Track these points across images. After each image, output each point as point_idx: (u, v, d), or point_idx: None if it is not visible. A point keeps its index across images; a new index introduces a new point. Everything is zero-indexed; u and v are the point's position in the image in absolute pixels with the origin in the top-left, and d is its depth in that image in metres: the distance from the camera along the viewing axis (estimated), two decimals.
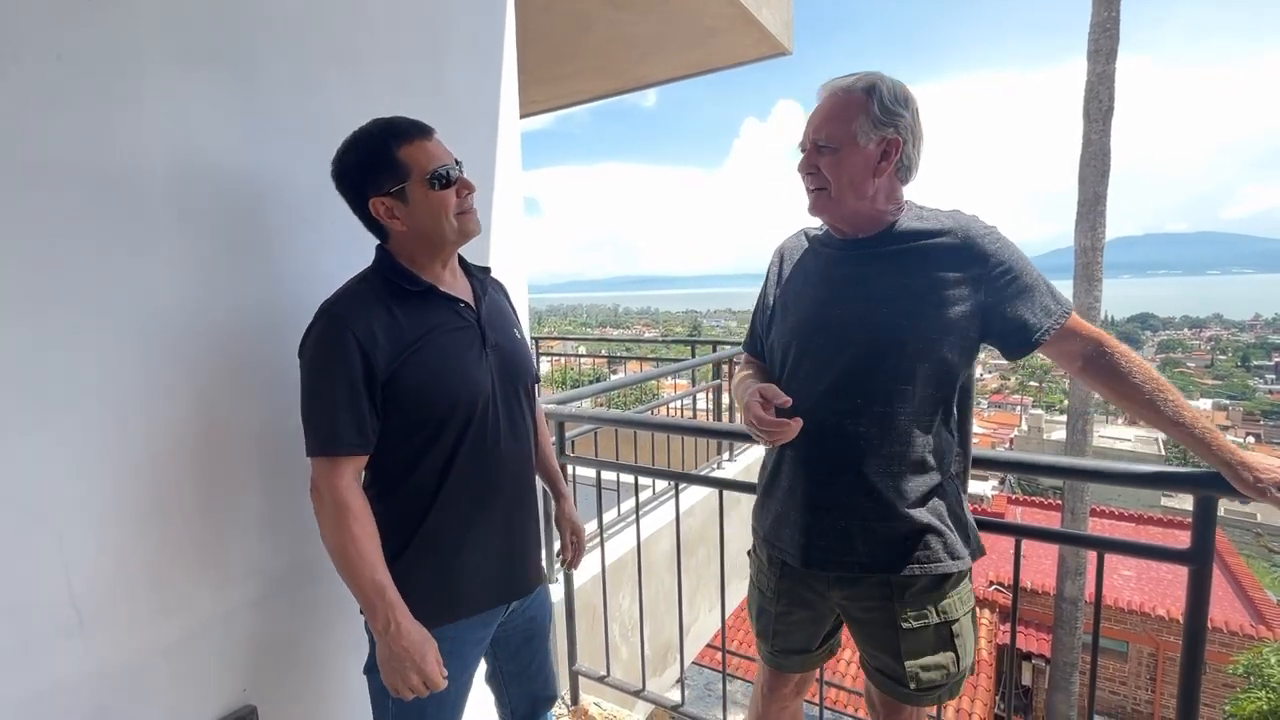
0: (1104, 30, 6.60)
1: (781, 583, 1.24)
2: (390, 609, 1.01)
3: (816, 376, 1.12)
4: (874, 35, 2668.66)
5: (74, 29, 0.98)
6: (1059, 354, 1.10)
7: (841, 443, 1.09)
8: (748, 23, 3.77)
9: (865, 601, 1.14)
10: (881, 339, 1.07)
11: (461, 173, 1.13)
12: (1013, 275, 1.07)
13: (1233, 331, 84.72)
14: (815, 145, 1.10)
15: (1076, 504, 6.97)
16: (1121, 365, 1.05)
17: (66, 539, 1.00)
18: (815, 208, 1.15)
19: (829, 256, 1.18)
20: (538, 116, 5.89)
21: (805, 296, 1.18)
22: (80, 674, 1.03)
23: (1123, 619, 9.89)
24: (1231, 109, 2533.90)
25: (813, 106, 1.14)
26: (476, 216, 1.16)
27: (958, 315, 1.06)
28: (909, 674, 1.11)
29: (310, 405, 1.05)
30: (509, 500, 1.20)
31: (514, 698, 1.38)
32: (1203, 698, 1.19)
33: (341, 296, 1.09)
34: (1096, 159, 6.71)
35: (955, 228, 1.09)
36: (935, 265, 1.07)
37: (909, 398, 1.07)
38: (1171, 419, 1.02)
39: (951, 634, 1.12)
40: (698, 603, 3.56)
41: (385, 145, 1.07)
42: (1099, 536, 1.41)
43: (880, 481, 1.08)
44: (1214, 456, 1.02)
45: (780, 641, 1.28)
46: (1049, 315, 1.07)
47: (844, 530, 1.10)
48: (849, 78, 1.09)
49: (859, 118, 1.05)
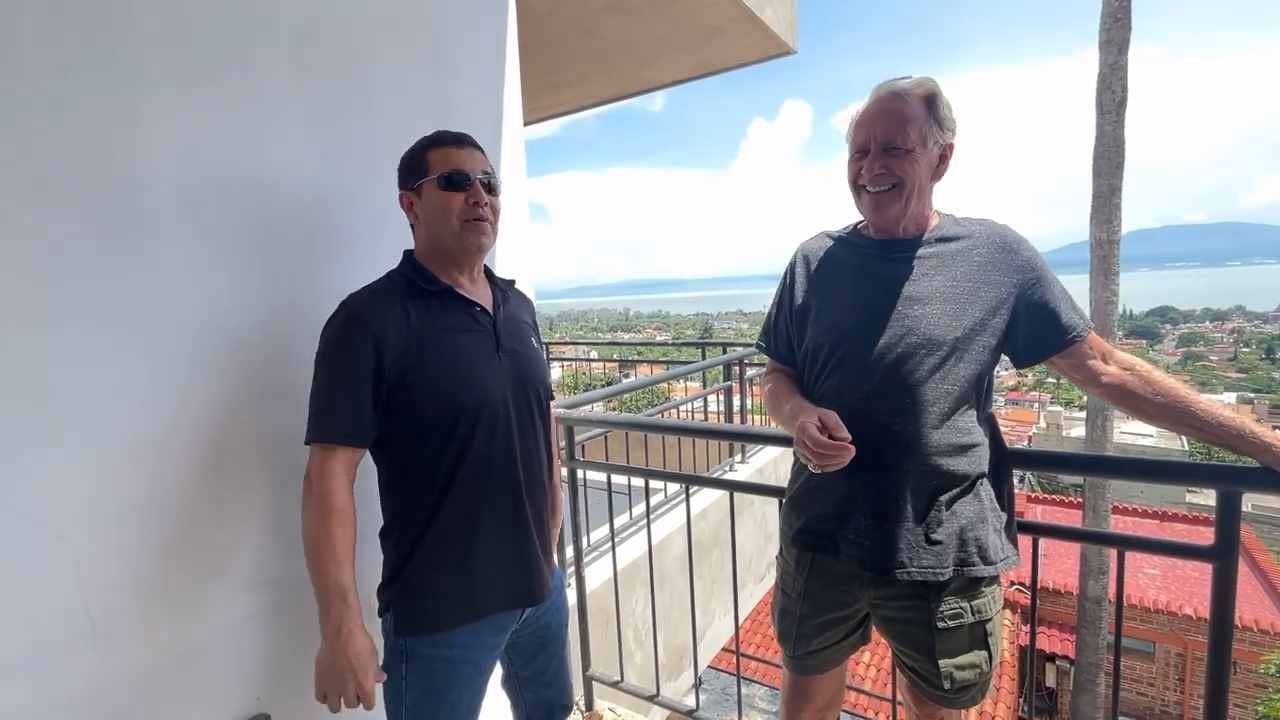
0: (1115, 20, 6.51)
1: (810, 583, 1.22)
2: (346, 612, 1.02)
3: (861, 376, 1.12)
4: (880, 32, 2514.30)
5: (77, 43, 0.99)
6: (1076, 365, 1.13)
7: (886, 441, 1.09)
8: (751, 22, 3.77)
9: (901, 601, 1.13)
10: (926, 338, 1.08)
11: (482, 185, 1.15)
12: (1047, 282, 1.12)
13: (1256, 323, 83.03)
14: (885, 147, 1.10)
15: (1098, 501, 6.83)
16: (1140, 372, 1.09)
17: (80, 549, 1.01)
18: (879, 207, 1.14)
19: (866, 256, 1.19)
20: (545, 123, 5.92)
21: (844, 297, 1.18)
22: (94, 683, 1.03)
23: (1149, 619, 9.68)
24: (1247, 97, 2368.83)
25: (854, 106, 1.16)
26: (487, 230, 1.17)
27: (995, 315, 1.10)
28: (944, 674, 1.10)
29: (314, 392, 1.09)
30: (522, 504, 1.20)
31: (530, 704, 1.38)
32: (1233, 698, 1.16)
33: (363, 291, 1.13)
34: (1110, 151, 6.61)
35: (991, 234, 1.15)
36: (974, 267, 1.12)
37: (951, 396, 1.08)
38: (1207, 421, 1.03)
39: (985, 633, 1.12)
40: (712, 606, 3.53)
41: (422, 148, 1.18)
42: (1119, 534, 1.38)
43: (925, 481, 1.08)
44: (1263, 449, 1.00)
45: (803, 645, 1.26)
46: (1079, 323, 1.12)
47: (888, 531, 1.09)
48: (905, 80, 1.10)
49: (927, 123, 1.08)
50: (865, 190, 1.14)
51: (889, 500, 1.09)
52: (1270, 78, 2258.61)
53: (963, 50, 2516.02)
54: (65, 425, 0.99)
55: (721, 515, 3.42)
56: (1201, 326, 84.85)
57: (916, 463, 1.08)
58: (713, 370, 4.54)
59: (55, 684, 0.99)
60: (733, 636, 2.05)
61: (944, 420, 1.08)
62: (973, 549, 1.09)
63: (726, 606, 3.59)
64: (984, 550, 1.10)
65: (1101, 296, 6.57)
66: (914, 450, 1.08)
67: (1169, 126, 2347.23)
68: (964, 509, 1.09)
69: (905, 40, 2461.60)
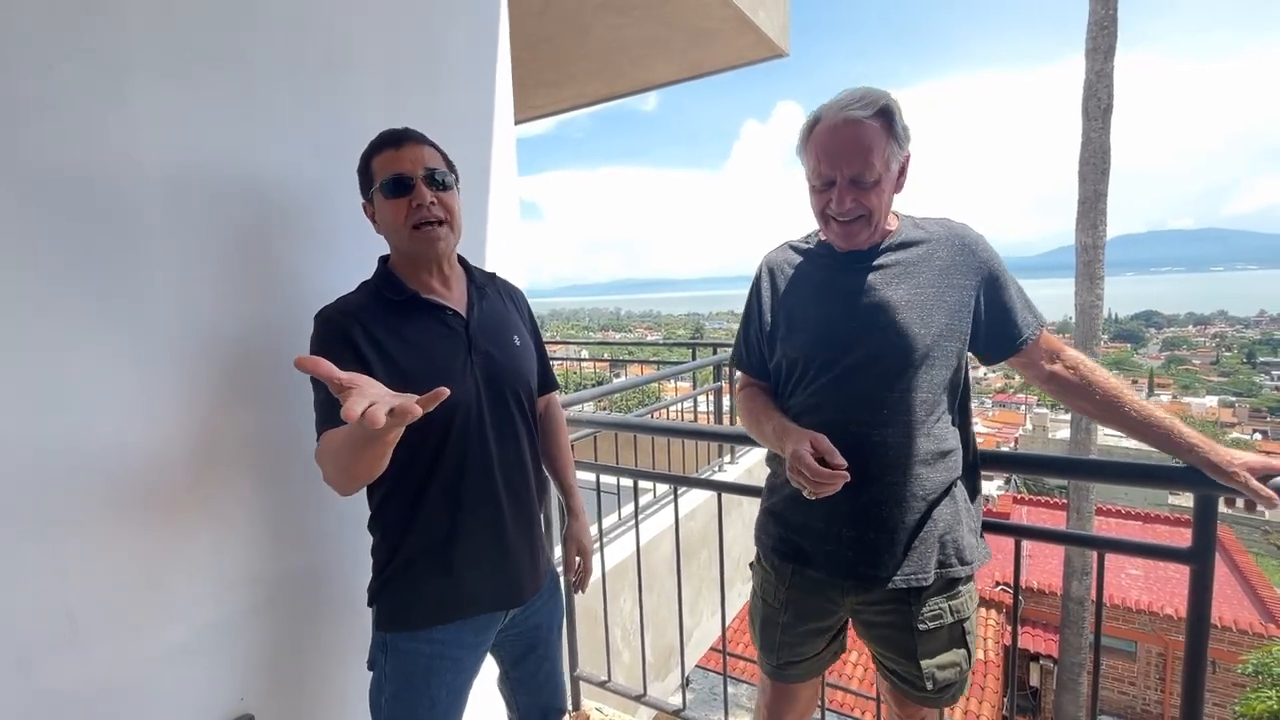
0: (1102, 28, 6.59)
1: (792, 593, 1.22)
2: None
3: (836, 389, 1.12)
4: (871, 36, 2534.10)
5: (66, 38, 0.98)
6: (1027, 364, 1.17)
7: (867, 453, 1.08)
8: (744, 25, 3.78)
9: (882, 605, 1.14)
10: (897, 348, 1.08)
11: (426, 183, 1.10)
12: (1003, 282, 1.14)
13: (1238, 328, 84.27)
14: (852, 181, 1.06)
15: (1082, 503, 6.93)
16: (1083, 370, 1.12)
17: (62, 547, 1.00)
18: (850, 236, 1.11)
19: (831, 268, 1.18)
20: (538, 121, 5.91)
21: (813, 311, 1.17)
22: (76, 683, 1.02)
23: (1131, 619, 9.81)
24: (1235, 103, 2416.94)
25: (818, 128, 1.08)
26: (440, 234, 1.12)
27: (960, 318, 1.11)
28: (926, 674, 1.12)
29: (315, 401, 1.08)
30: (502, 508, 1.19)
31: (522, 706, 1.37)
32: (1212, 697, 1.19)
33: (331, 306, 1.13)
34: (1096, 157, 6.69)
35: (950, 235, 1.15)
36: (936, 271, 1.12)
37: (927, 402, 1.09)
38: (1139, 418, 1.07)
39: (964, 631, 1.14)
40: (700, 606, 3.55)
41: (367, 154, 1.15)
42: (1099, 536, 1.40)
43: (906, 490, 1.09)
44: (1186, 449, 1.05)
45: (786, 653, 1.26)
46: (1031, 323, 1.14)
47: (872, 541, 1.10)
48: (855, 103, 1.04)
49: (888, 146, 1.05)
50: (834, 220, 1.11)
51: (872, 511, 1.09)
52: (1258, 84, 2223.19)
53: (953, 54, 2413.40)
54: (47, 423, 0.98)
55: (710, 515, 3.44)
56: (1185, 331, 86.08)
57: (898, 473, 1.09)
58: (703, 371, 4.55)
59: (35, 684, 0.98)
60: (720, 636, 2.05)
61: (921, 428, 1.09)
62: (951, 551, 1.11)
63: (714, 606, 3.60)
64: (961, 551, 1.12)
65: (1087, 300, 6.66)
66: (895, 461, 1.09)
67: (1157, 132, 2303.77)
68: (942, 513, 1.11)
69: (897, 43, 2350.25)
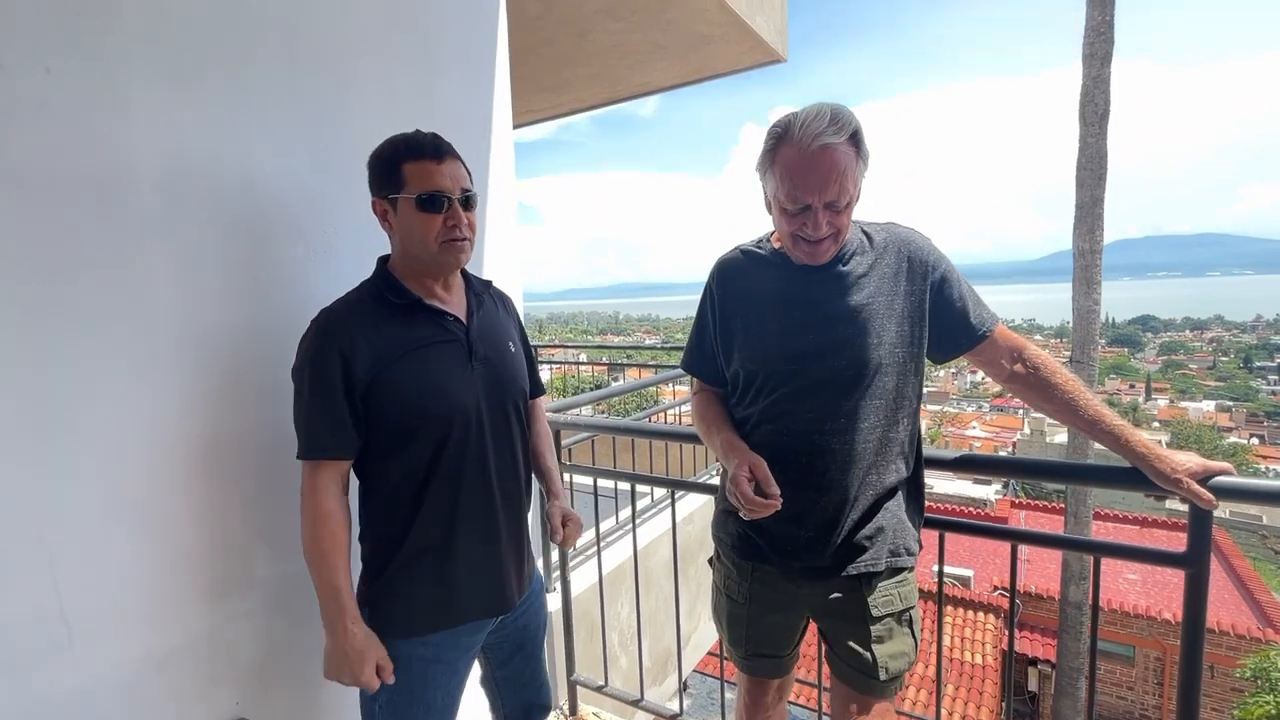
0: (1099, 34, 6.62)
1: (754, 588, 1.25)
2: (339, 612, 1.06)
3: (795, 399, 1.14)
4: (869, 40, 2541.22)
5: (62, 40, 0.99)
6: (987, 361, 1.19)
7: (827, 461, 1.12)
8: (742, 30, 3.80)
9: (837, 594, 1.17)
10: (852, 358, 1.10)
11: (460, 205, 1.13)
12: (953, 282, 1.15)
13: (1234, 333, 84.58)
14: (828, 205, 1.05)
15: (1079, 507, 6.92)
16: (1044, 371, 1.14)
17: (57, 552, 1.00)
18: (819, 255, 1.11)
19: (784, 279, 1.17)
20: (537, 125, 5.92)
21: (768, 322, 1.17)
22: (70, 688, 1.02)
23: (1129, 623, 9.81)
24: (1231, 108, 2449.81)
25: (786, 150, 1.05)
26: (465, 249, 1.15)
27: (913, 323, 1.13)
28: (879, 664, 1.15)
29: (296, 411, 1.11)
30: (496, 515, 1.19)
31: (508, 704, 1.39)
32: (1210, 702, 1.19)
33: (332, 307, 1.13)
34: (1093, 162, 6.71)
35: (898, 242, 1.16)
36: (886, 279, 1.13)
37: (880, 409, 1.12)
38: (1091, 419, 1.10)
39: (911, 619, 1.19)
40: (698, 610, 3.54)
41: (397, 155, 1.12)
42: (1094, 540, 1.40)
43: (863, 492, 1.13)
44: (1131, 452, 1.08)
45: (753, 646, 1.29)
46: (986, 319, 1.16)
47: (830, 540, 1.14)
48: (829, 127, 1.02)
49: (858, 167, 1.05)
50: (804, 240, 1.10)
51: (830, 514, 1.13)
52: (1254, 89, 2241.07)
53: (951, 59, 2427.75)
54: (43, 426, 0.98)
55: (708, 520, 3.43)
56: (1182, 335, 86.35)
57: (855, 477, 1.12)
58: None
59: (31, 689, 0.98)
60: (718, 640, 2.05)
61: (876, 433, 1.12)
62: (900, 543, 1.16)
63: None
64: (908, 544, 1.18)
65: (1084, 305, 6.66)
66: (852, 466, 1.12)
67: (1154, 137, 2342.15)
68: (894, 507, 1.17)
69: (894, 49, 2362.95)
